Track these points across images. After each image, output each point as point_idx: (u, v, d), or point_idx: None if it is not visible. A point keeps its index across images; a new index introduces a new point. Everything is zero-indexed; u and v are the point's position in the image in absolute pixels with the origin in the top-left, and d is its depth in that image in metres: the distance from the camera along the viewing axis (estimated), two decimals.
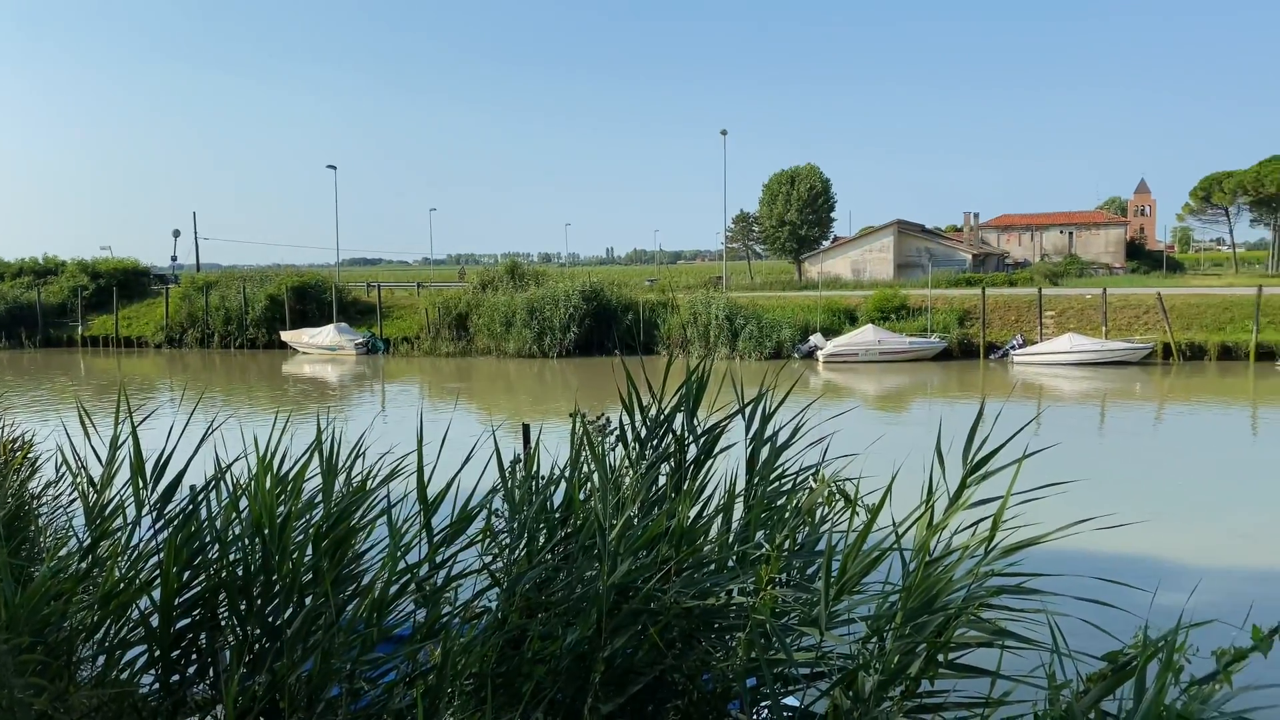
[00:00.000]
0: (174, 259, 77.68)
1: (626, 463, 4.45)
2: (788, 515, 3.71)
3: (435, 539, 3.87)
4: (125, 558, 3.87)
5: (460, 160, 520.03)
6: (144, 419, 4.21)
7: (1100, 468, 21.44)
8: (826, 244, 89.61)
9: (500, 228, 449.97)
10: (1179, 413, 29.84)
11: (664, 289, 55.81)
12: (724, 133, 65.43)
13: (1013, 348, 42.06)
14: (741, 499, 4.25)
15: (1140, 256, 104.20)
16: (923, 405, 31.57)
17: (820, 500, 3.64)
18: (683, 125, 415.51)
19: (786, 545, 3.86)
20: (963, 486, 3.69)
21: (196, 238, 75.75)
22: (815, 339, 44.45)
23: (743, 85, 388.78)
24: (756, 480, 4.28)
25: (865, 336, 43.22)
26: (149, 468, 3.97)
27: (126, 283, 61.87)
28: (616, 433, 4.53)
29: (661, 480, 4.42)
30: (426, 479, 3.97)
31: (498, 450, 4.21)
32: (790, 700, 4.04)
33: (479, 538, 4.17)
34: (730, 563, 3.79)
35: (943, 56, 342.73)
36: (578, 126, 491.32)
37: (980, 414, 3.80)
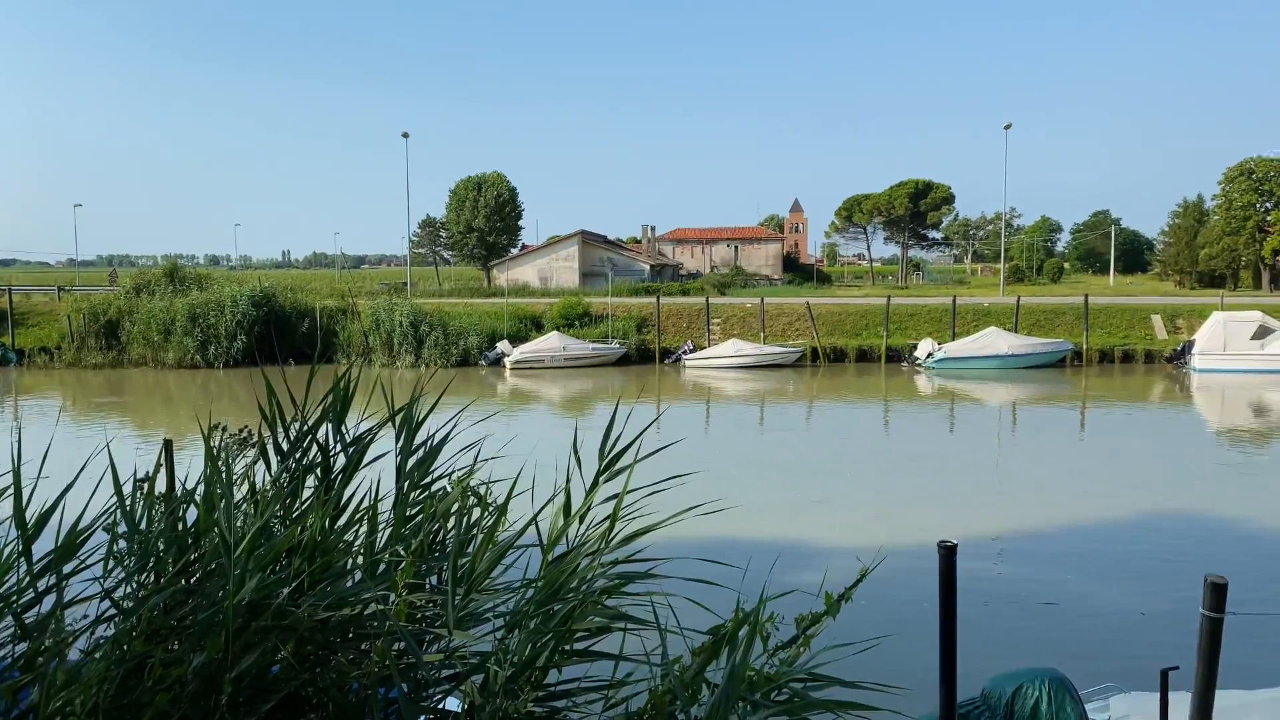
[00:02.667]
0: None
1: (268, 477, 4.29)
2: (422, 520, 3.76)
3: (38, 565, 3.52)
4: None
5: (111, 154, 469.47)
6: None
7: (761, 457, 23.49)
8: (515, 251, 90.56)
9: (160, 227, 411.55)
10: (824, 408, 33.26)
11: (344, 294, 53.79)
12: (405, 135, 64.32)
13: (684, 353, 44.84)
14: (392, 507, 4.24)
15: (795, 269, 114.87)
16: (605, 408, 32.85)
17: (457, 504, 3.72)
18: (363, 128, 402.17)
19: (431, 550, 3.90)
20: (596, 483, 3.93)
21: None
22: (502, 346, 44.80)
23: (427, 92, 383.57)
24: (406, 487, 4.29)
25: (551, 343, 44.22)
26: None
27: None
28: (255, 445, 4.36)
29: (308, 493, 4.30)
30: (26, 500, 3.60)
31: (113, 466, 3.91)
32: (452, 703, 4.09)
33: (97, 562, 3.84)
34: (370, 571, 3.78)
35: (629, 78, 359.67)
36: (243, 124, 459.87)
37: (614, 415, 4.07)
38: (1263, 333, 39.33)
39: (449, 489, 4.46)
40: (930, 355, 42.26)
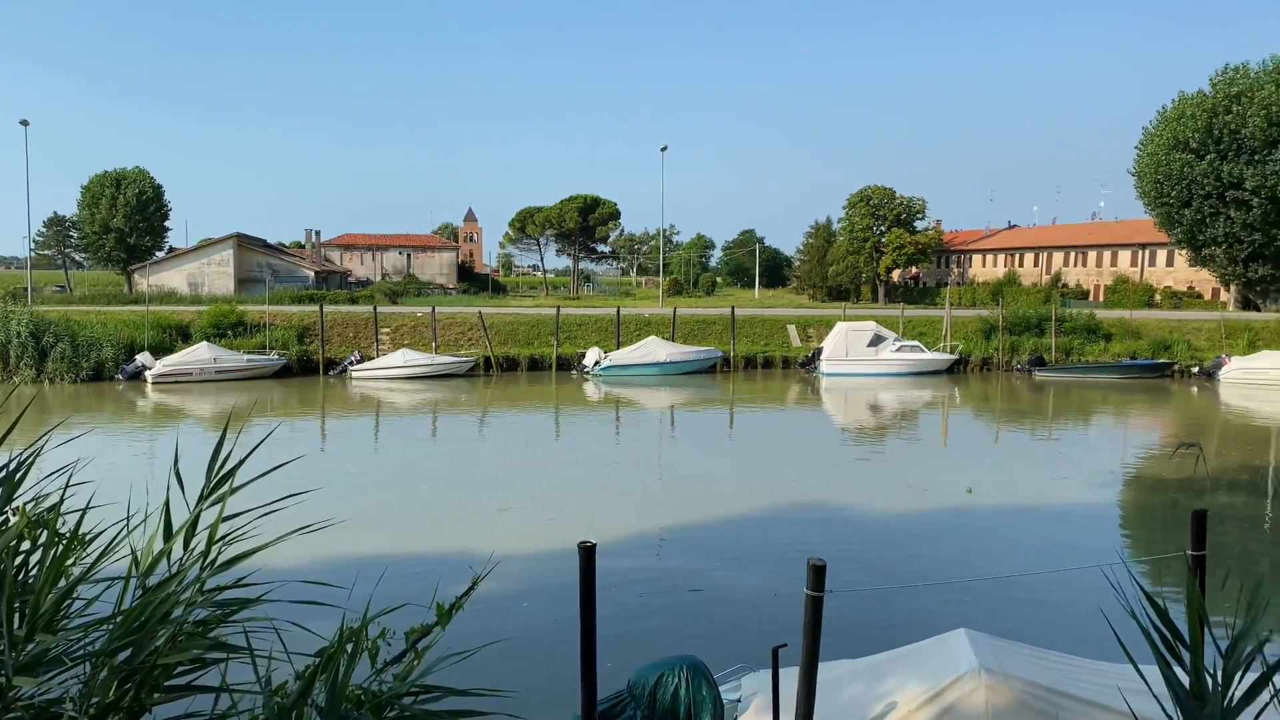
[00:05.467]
0: None
1: None
2: None
3: None
4: None
5: None
6: None
7: (431, 469, 23.16)
8: (161, 255, 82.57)
9: None
10: (497, 416, 33.46)
11: None
12: (25, 123, 56.31)
13: (351, 363, 43.22)
14: None
15: (470, 278, 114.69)
16: (263, 423, 30.79)
17: (15, 536, 3.29)
18: None
19: None
20: (201, 503, 3.65)
21: None
22: (143, 358, 40.71)
23: (51, 77, 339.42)
24: None
25: (199, 354, 40.83)
26: None
27: None
28: None
29: None
30: None
31: None
32: None
33: None
34: None
35: (292, 80, 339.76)
36: None
37: (225, 431, 3.80)
38: (877, 340, 44.86)
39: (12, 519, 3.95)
40: (597, 363, 43.93)
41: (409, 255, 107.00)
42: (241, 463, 3.79)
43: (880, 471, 24.09)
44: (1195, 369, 45.15)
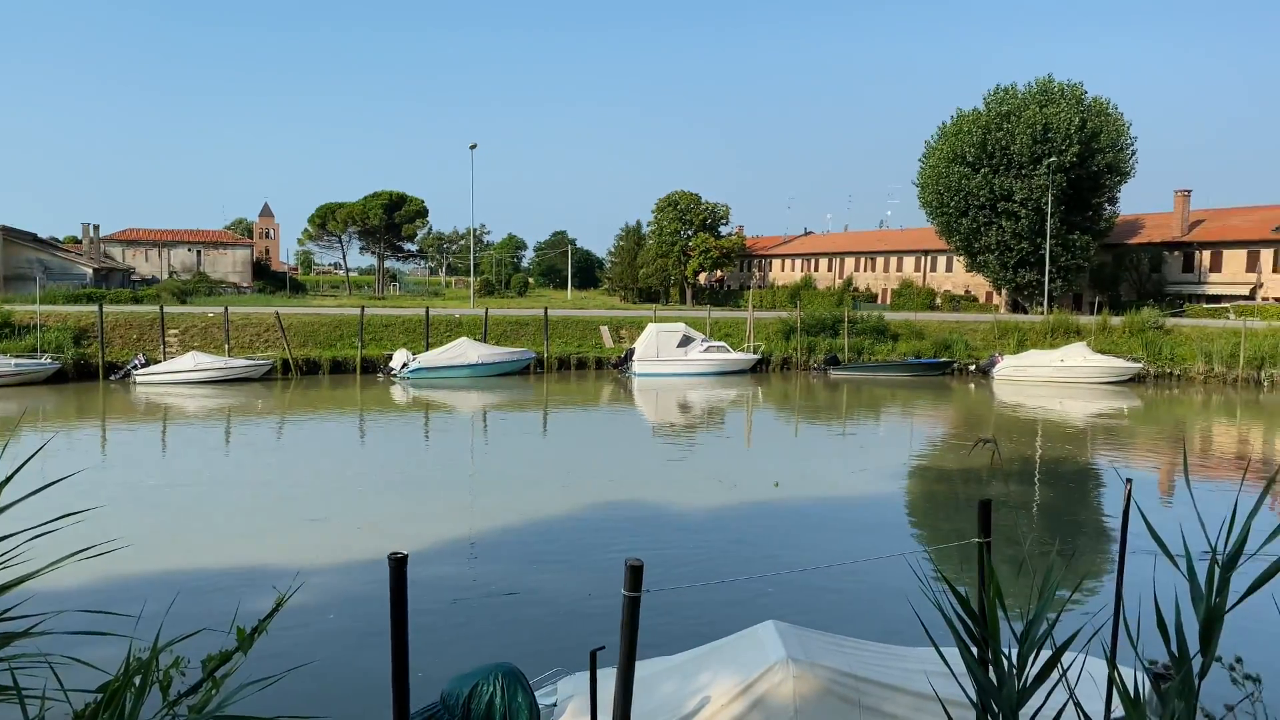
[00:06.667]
0: None
1: None
2: None
3: None
4: None
5: None
6: None
7: (227, 477, 21.77)
8: None
9: None
10: (297, 423, 31.93)
11: None
12: None
13: (134, 367, 40.18)
14: None
15: (267, 277, 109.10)
16: (35, 434, 28.06)
17: None
18: None
19: None
20: None
21: None
22: None
23: None
24: None
25: None
26: None
27: None
28: None
29: None
30: None
31: None
32: None
33: None
34: None
35: (60, 59, 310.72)
36: None
37: (5, 445, 3.40)
38: (686, 341, 45.98)
39: None
40: (405, 365, 42.76)
41: (199, 252, 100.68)
42: (9, 479, 3.40)
43: (692, 468, 24.65)
44: (972, 367, 48.86)
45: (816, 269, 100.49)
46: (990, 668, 3.08)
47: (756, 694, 7.24)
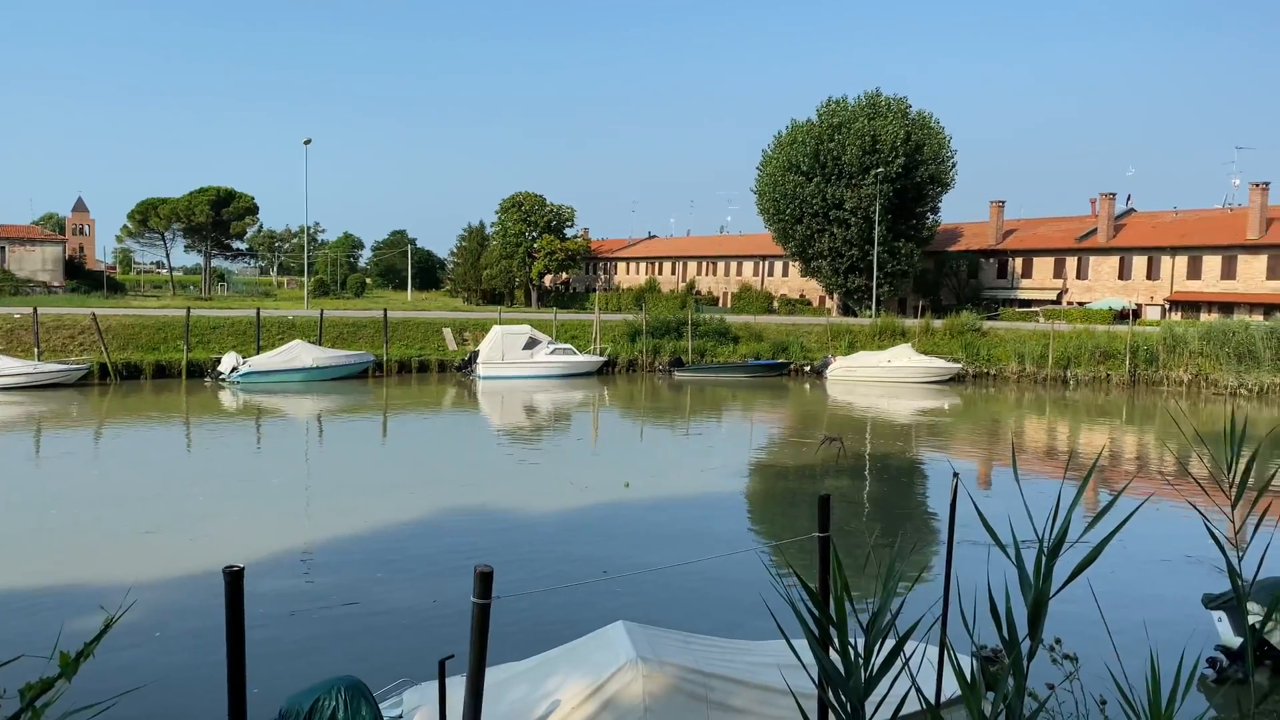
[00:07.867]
0: None
1: None
2: None
3: None
4: None
5: None
6: None
7: (30, 494, 20.14)
8: None
9: None
10: (117, 431, 29.92)
11: None
12: None
13: None
14: None
15: (81, 276, 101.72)
16: None
17: None
18: None
19: None
20: None
21: None
22: None
23: None
24: None
25: None
26: None
27: None
28: None
29: None
30: None
31: None
32: None
33: None
34: None
35: None
36: None
37: None
38: (532, 343, 45.75)
39: None
40: (235, 369, 40.79)
41: (3, 249, 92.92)
42: None
43: (541, 471, 24.54)
44: (807, 368, 50.74)
45: (660, 272, 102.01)
46: (838, 658, 3.19)
47: (606, 695, 7.29)
